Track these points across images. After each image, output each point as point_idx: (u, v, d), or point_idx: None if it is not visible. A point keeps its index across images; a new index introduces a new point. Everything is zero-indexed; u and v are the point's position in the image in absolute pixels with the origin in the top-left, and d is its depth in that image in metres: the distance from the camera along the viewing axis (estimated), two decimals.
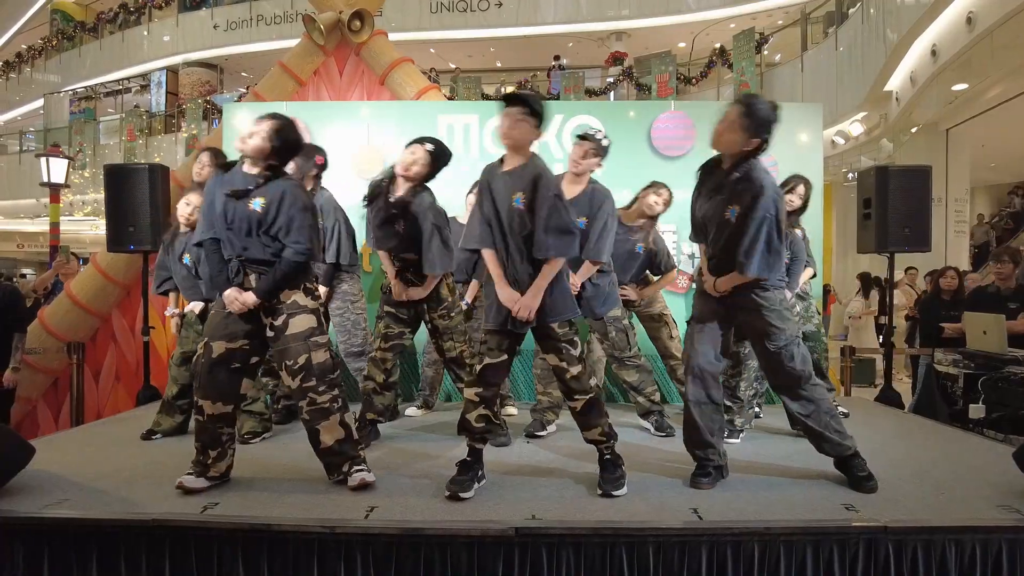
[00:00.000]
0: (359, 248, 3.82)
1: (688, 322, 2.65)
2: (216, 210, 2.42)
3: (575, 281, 3.06)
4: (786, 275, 3.12)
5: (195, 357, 2.50)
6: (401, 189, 3.06)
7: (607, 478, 2.41)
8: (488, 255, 2.44)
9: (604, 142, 3.04)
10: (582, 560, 2.05)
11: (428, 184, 3.12)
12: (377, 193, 3.10)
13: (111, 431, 3.45)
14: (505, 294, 2.37)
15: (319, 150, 3.52)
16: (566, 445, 3.15)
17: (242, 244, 2.41)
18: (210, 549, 2.08)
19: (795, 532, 2.08)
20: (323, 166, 3.52)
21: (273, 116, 2.44)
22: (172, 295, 3.42)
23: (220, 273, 2.45)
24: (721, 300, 2.53)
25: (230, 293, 2.41)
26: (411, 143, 3.07)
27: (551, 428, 3.39)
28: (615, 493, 2.36)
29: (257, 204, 2.38)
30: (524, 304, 2.33)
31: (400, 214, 3.03)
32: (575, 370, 2.43)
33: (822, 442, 2.54)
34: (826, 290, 9.91)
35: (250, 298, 2.39)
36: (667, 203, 3.57)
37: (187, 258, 3.16)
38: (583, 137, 3.04)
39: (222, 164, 2.63)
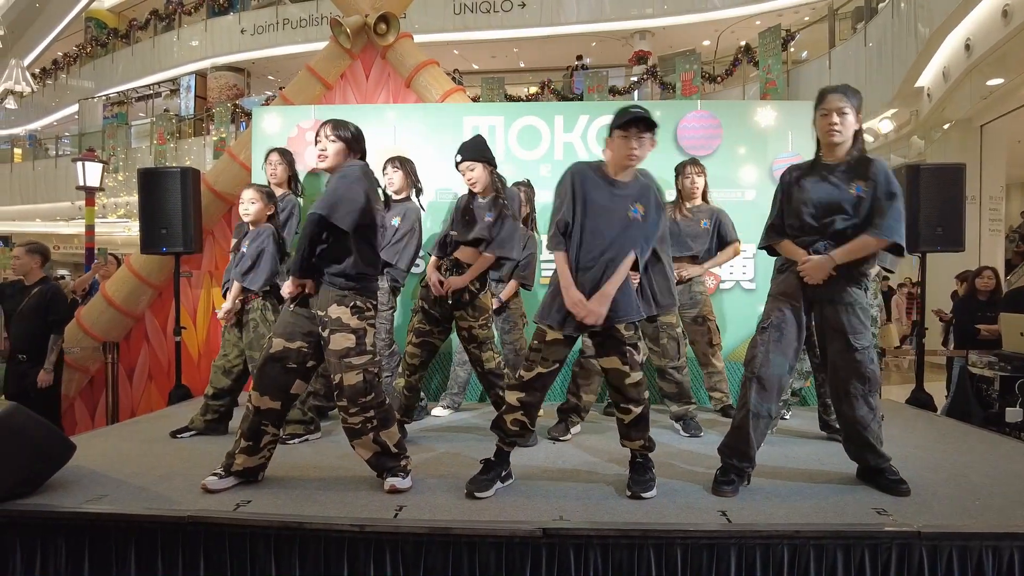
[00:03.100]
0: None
1: (760, 327, 2.49)
2: None
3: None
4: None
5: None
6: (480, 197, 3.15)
7: (637, 479, 2.40)
8: (559, 257, 2.41)
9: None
10: (609, 561, 2.05)
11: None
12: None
13: (145, 429, 3.54)
14: (572, 297, 2.33)
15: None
16: (593, 446, 3.15)
17: None
18: (243, 546, 2.13)
19: (826, 536, 2.06)
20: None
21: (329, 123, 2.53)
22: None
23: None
24: (809, 296, 2.42)
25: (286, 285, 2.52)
26: (463, 162, 3.10)
27: (575, 430, 3.39)
28: (644, 495, 2.35)
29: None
30: (592, 311, 2.30)
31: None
32: (636, 376, 2.39)
33: (867, 452, 2.48)
34: None
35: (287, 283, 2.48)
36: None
37: (245, 245, 3.28)
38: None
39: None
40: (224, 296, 3.40)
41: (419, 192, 3.67)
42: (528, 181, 3.94)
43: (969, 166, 4.44)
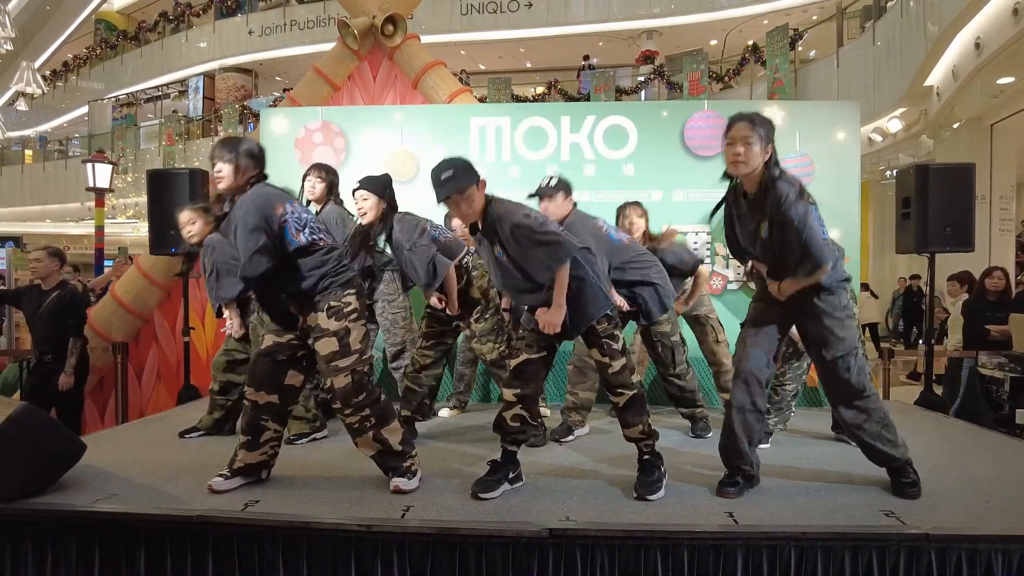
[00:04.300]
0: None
1: (741, 325, 2.56)
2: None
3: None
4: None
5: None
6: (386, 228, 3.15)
7: (644, 481, 2.40)
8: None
9: (551, 182, 3.03)
10: (616, 562, 2.05)
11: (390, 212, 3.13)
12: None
13: (154, 429, 3.57)
14: (542, 321, 2.39)
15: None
16: (600, 447, 3.15)
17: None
18: (251, 545, 2.14)
19: (833, 537, 2.05)
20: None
21: (224, 144, 2.43)
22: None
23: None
24: (782, 304, 2.44)
25: None
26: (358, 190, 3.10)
27: (580, 431, 3.39)
28: (650, 498, 2.35)
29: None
30: (548, 321, 2.36)
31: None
32: (617, 364, 2.42)
33: (871, 452, 2.48)
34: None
35: None
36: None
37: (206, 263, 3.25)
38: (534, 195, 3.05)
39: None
40: (216, 312, 3.40)
41: (340, 201, 3.67)
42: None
43: (979, 165, 4.41)
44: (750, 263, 2.60)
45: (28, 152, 19.78)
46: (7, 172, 19.11)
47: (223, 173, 2.39)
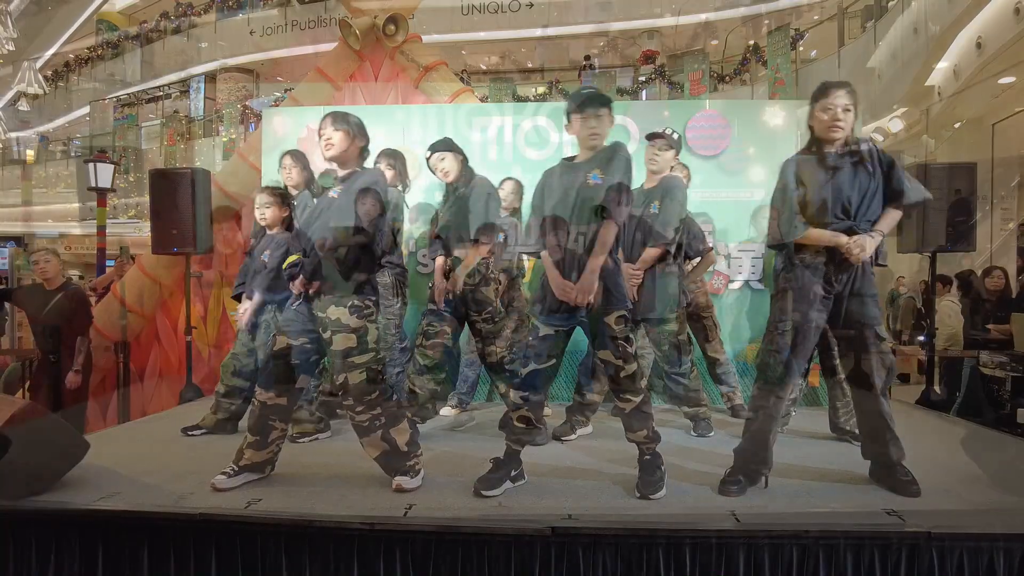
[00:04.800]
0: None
1: (780, 330, 2.47)
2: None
3: (636, 268, 3.17)
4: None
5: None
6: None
7: (645, 480, 2.41)
8: (543, 256, 2.48)
9: (675, 136, 3.26)
10: (618, 560, 2.06)
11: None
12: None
13: (157, 428, 3.57)
14: (558, 285, 2.37)
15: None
16: (602, 446, 3.15)
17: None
18: (254, 543, 2.14)
19: (835, 536, 2.05)
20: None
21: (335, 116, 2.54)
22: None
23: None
24: (834, 292, 2.44)
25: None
26: (434, 153, 3.16)
27: (583, 430, 3.39)
28: (653, 496, 2.35)
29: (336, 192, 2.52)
30: (580, 288, 2.33)
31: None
32: (630, 368, 2.40)
33: (891, 446, 2.46)
34: None
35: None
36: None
37: (266, 255, 3.29)
38: (651, 137, 3.24)
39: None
40: (235, 299, 3.42)
41: (406, 188, 3.68)
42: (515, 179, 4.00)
43: (980, 165, 4.41)
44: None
45: (29, 152, 19.79)
46: (8, 172, 19.14)
47: (334, 140, 2.50)
